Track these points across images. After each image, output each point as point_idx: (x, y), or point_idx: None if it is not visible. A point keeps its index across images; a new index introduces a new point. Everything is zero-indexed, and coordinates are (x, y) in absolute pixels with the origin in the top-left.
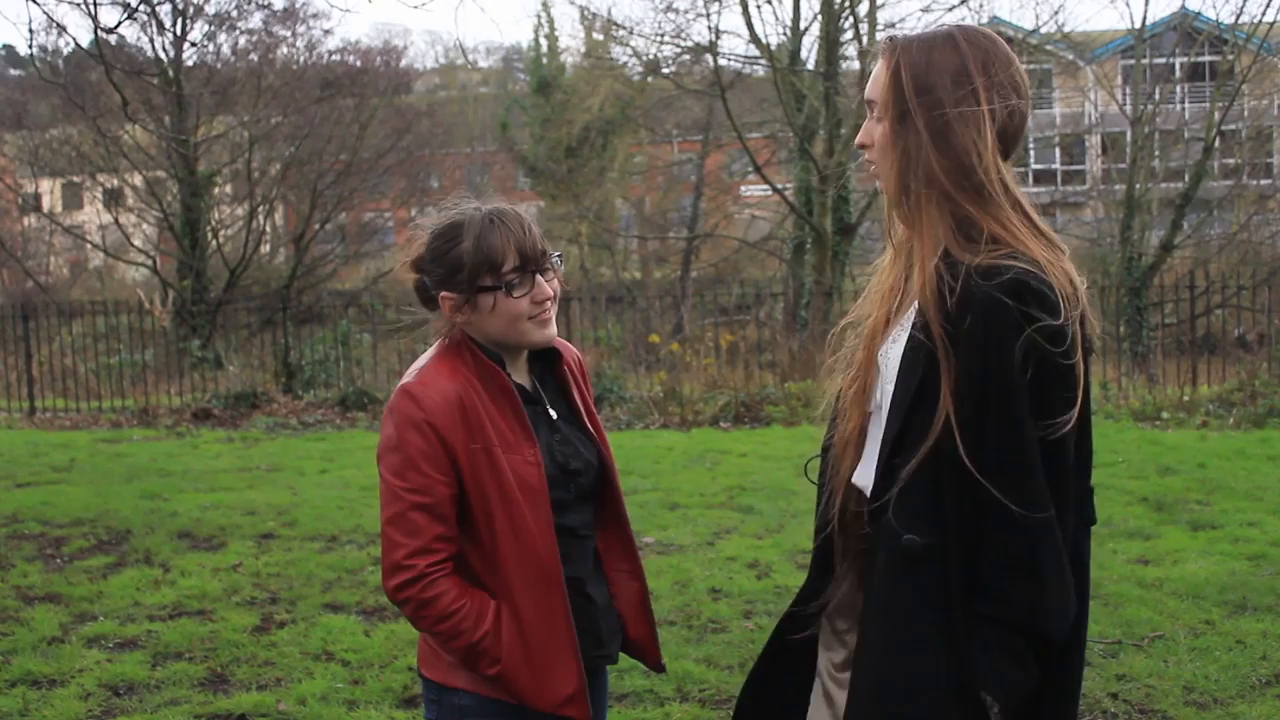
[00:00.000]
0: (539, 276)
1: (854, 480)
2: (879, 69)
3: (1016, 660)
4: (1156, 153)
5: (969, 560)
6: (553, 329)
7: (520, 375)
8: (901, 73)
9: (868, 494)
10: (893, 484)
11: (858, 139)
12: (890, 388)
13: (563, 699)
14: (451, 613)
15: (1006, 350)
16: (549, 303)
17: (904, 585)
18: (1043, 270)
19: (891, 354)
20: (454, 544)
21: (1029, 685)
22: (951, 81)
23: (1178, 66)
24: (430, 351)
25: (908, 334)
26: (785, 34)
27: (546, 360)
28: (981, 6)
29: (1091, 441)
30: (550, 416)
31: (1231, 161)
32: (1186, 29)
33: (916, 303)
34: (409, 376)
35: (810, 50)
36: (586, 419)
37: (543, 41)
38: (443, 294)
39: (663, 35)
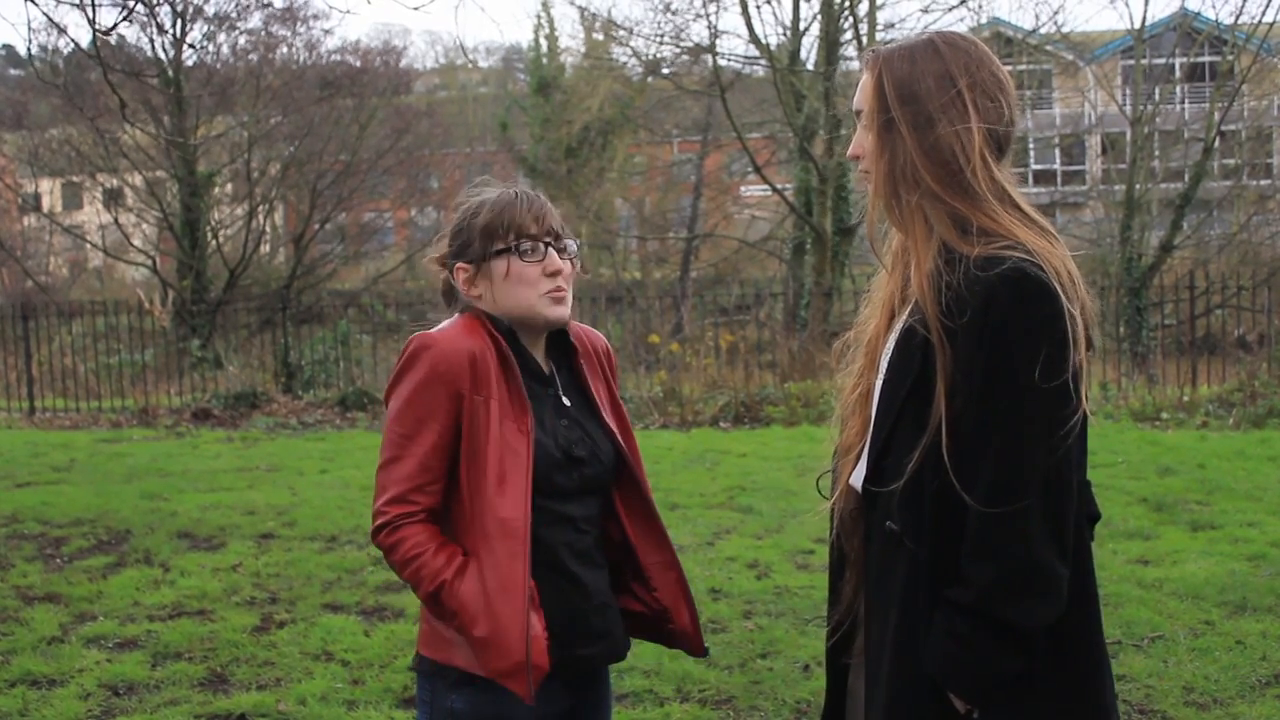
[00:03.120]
0: (552, 250)
1: (850, 481)
2: (864, 80)
3: (964, 644)
4: (1156, 153)
5: (944, 549)
6: (566, 309)
7: (538, 356)
8: (885, 81)
9: (859, 489)
10: (884, 473)
11: (850, 151)
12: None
13: (504, 669)
14: (411, 558)
15: (1007, 341)
16: (561, 277)
17: (888, 570)
18: (1038, 258)
19: (883, 356)
20: (434, 496)
21: (991, 671)
22: (935, 86)
23: (1177, 67)
24: (446, 319)
25: (900, 327)
26: (785, 34)
27: (564, 350)
28: (981, 7)
29: (1086, 436)
30: (563, 404)
31: (1231, 162)
32: (1186, 29)
33: (915, 300)
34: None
35: (810, 50)
36: (609, 410)
37: (543, 42)
38: (458, 266)
39: (662, 36)
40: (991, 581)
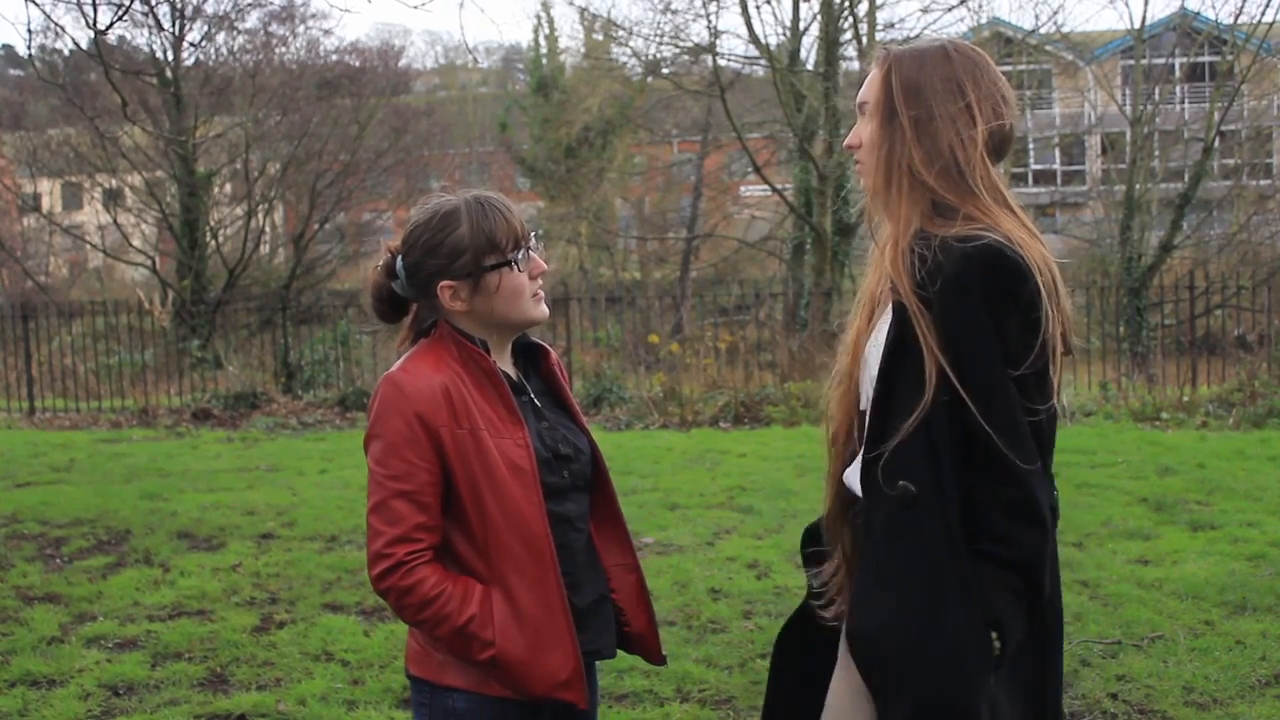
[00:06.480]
0: (532, 252)
1: (844, 479)
2: (873, 74)
3: (1017, 599)
4: (1156, 153)
5: (963, 503)
6: (546, 307)
7: (505, 366)
8: (893, 76)
9: (858, 492)
10: (882, 440)
11: (847, 141)
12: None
13: (560, 682)
14: (433, 598)
15: (982, 311)
16: (541, 276)
17: (903, 532)
18: (1015, 243)
19: (873, 348)
20: (436, 534)
21: (1022, 628)
22: (941, 87)
23: (1177, 67)
24: (413, 349)
25: (886, 317)
26: (784, 34)
27: (529, 355)
28: (981, 7)
29: (1055, 428)
30: (535, 405)
31: (1231, 162)
32: (1186, 29)
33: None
34: (394, 367)
35: (810, 50)
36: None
37: (542, 42)
38: (443, 284)
39: (662, 36)
40: (1040, 543)
